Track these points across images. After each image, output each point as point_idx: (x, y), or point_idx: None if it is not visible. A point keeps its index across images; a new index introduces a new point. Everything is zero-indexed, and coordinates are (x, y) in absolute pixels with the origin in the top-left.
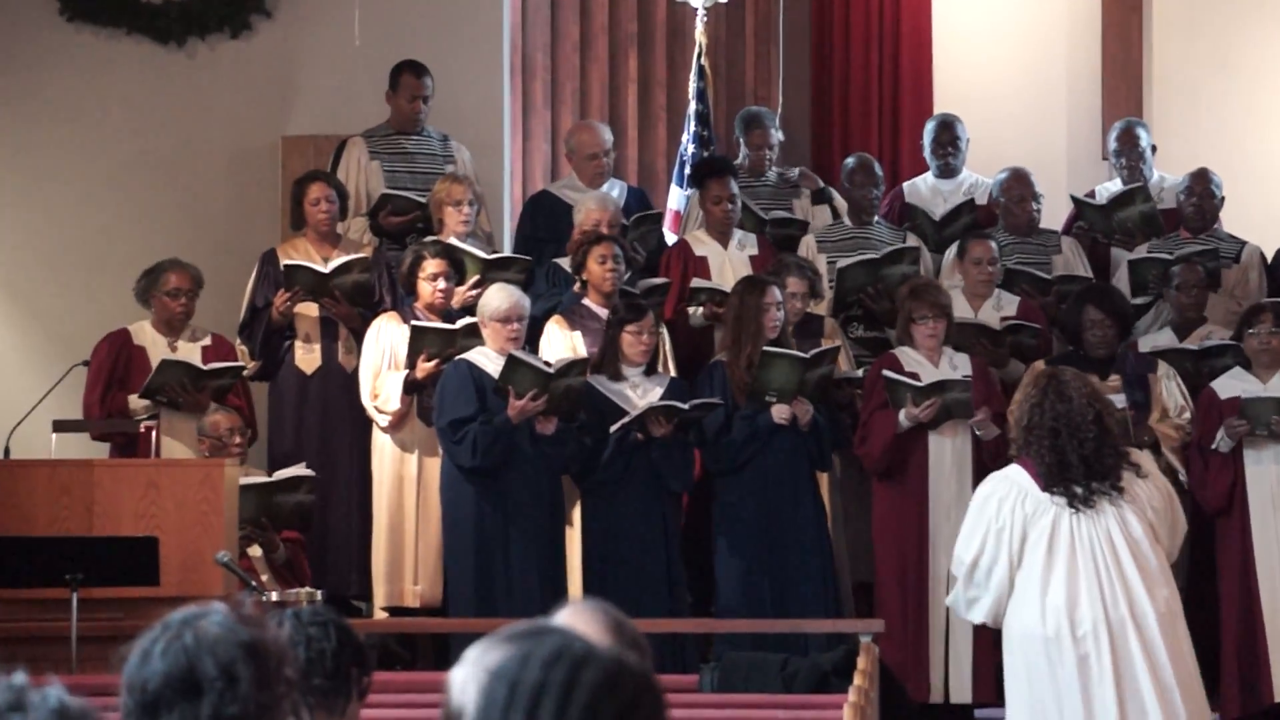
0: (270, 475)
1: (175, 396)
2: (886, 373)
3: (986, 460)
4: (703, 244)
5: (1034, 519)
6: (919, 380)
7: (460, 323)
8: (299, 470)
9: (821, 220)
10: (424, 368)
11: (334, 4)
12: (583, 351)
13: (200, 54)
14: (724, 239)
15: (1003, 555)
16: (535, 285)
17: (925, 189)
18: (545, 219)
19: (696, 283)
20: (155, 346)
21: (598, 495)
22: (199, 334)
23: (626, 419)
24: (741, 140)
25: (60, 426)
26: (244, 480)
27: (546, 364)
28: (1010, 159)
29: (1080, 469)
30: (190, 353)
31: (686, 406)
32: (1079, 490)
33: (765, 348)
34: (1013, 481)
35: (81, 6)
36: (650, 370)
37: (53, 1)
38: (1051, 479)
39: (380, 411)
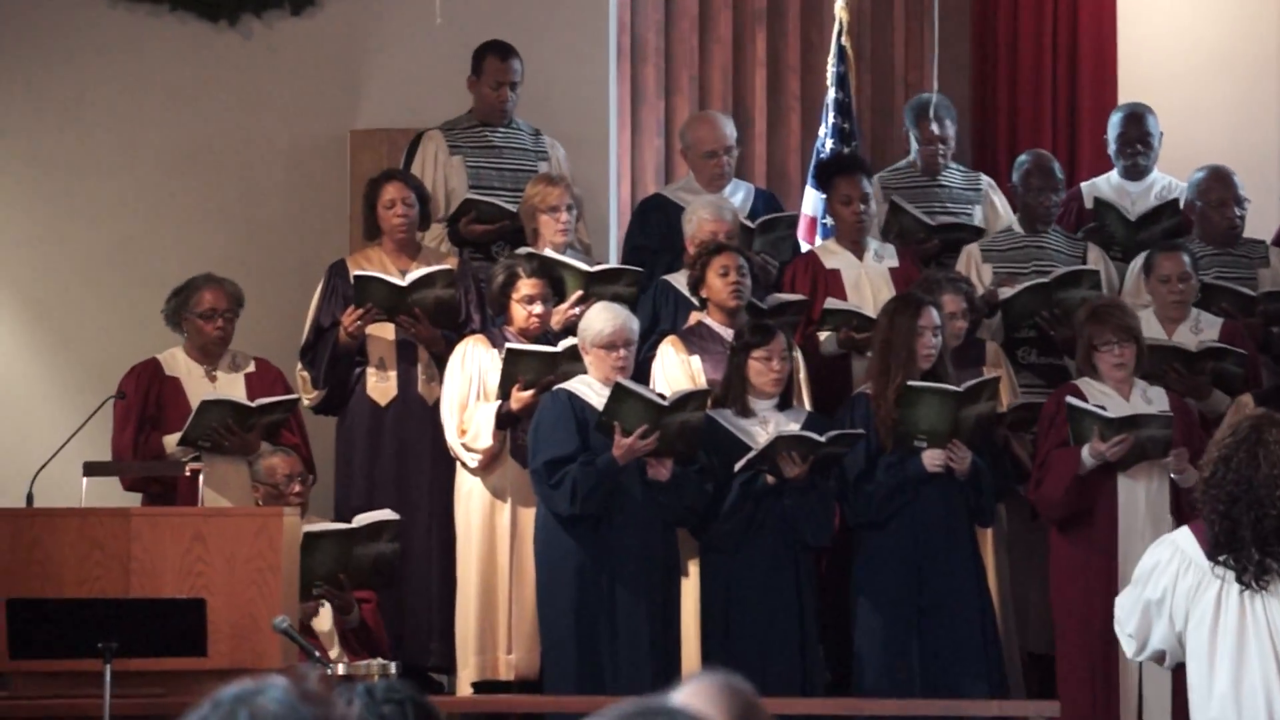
0: (349, 522)
1: (220, 440)
2: (1070, 400)
3: (1187, 509)
4: (833, 255)
5: (1197, 594)
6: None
7: (562, 345)
8: (382, 515)
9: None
10: (520, 397)
11: None
12: (702, 380)
13: (256, 34)
14: (857, 248)
15: (1160, 628)
16: (642, 305)
17: (1109, 191)
18: (658, 227)
19: (830, 303)
20: (190, 377)
21: (719, 550)
22: (240, 360)
23: (752, 454)
24: (912, 135)
25: (93, 470)
26: (316, 528)
27: (660, 396)
28: (1208, 157)
29: (1254, 542)
30: (232, 384)
31: (823, 439)
32: (1251, 564)
33: (909, 383)
34: (1177, 548)
35: None
36: (784, 404)
37: None
38: (1218, 547)
39: (469, 450)
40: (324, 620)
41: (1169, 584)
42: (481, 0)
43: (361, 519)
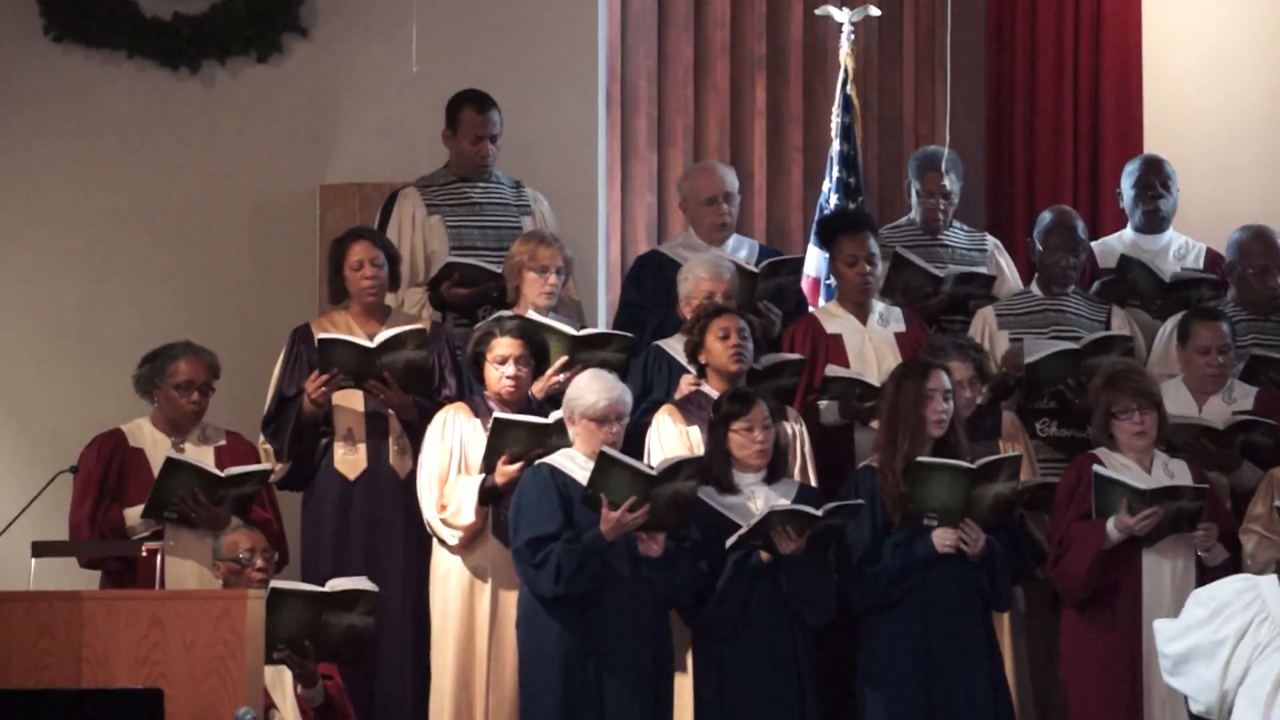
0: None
1: (187, 511)
2: (1099, 469)
3: None
4: (835, 319)
5: (1264, 653)
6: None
7: (553, 416)
8: (359, 583)
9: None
10: (505, 471)
11: (386, 20)
12: (700, 450)
13: (219, 82)
14: (861, 311)
15: (1208, 673)
16: (633, 371)
17: (1123, 249)
18: (653, 286)
19: (831, 370)
20: (157, 448)
21: (713, 636)
22: (211, 434)
23: (744, 529)
24: (914, 189)
25: (41, 550)
26: (285, 585)
27: (648, 466)
28: (1236, 217)
29: None
30: (201, 456)
31: (819, 513)
32: None
33: (920, 459)
34: (1259, 595)
35: (71, 22)
36: (773, 476)
37: (35, 16)
38: None
39: (449, 526)
40: (282, 690)
41: (1237, 630)
42: (460, 46)
43: (336, 584)
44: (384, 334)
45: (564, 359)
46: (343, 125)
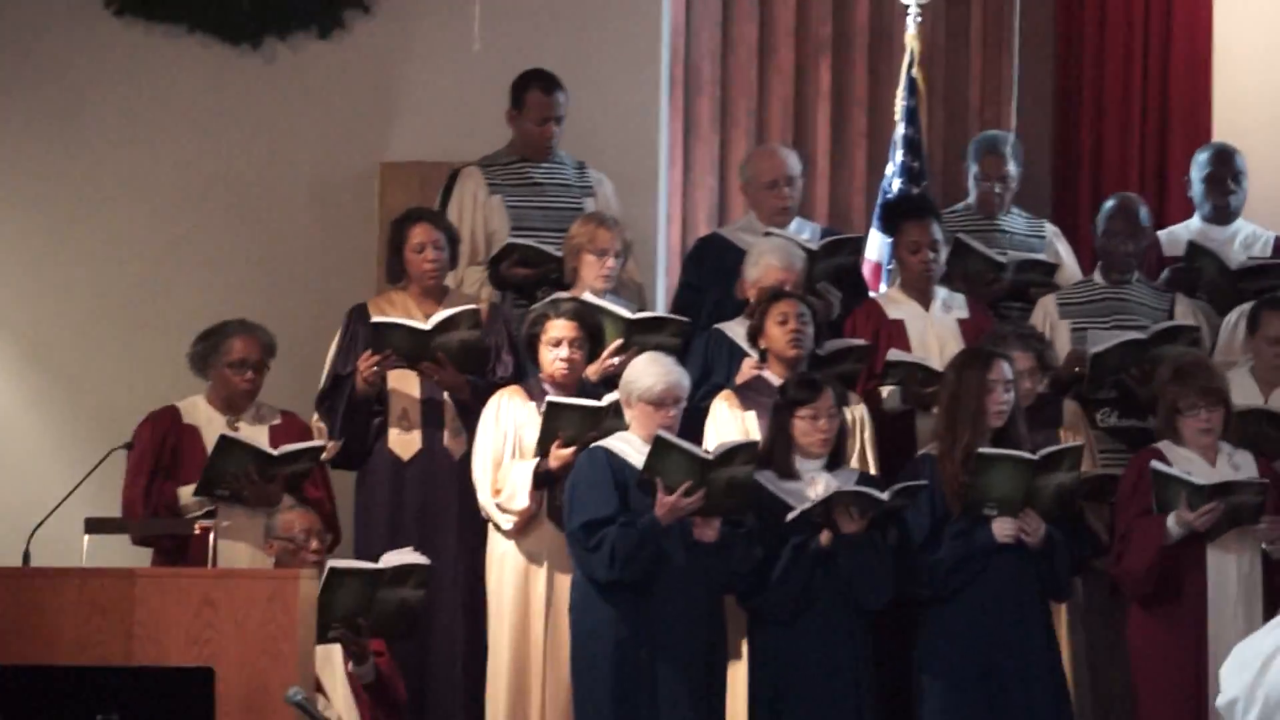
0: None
1: (239, 489)
2: (1156, 465)
3: None
4: (897, 305)
5: None
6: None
7: (607, 399)
8: (411, 557)
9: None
10: (560, 455)
11: None
12: (756, 436)
13: (281, 58)
14: (924, 298)
15: None
16: (693, 354)
17: (1189, 237)
18: (713, 270)
19: (893, 355)
20: (211, 426)
21: (770, 621)
22: (266, 413)
23: (806, 505)
24: (971, 172)
25: (94, 526)
26: (342, 564)
27: (704, 451)
28: None
29: None
30: (255, 435)
31: (884, 496)
32: None
33: (981, 450)
34: None
35: None
36: (834, 463)
37: None
38: None
39: (503, 510)
40: (333, 672)
41: None
42: (523, 24)
43: (390, 559)
44: (438, 315)
45: (619, 342)
46: (403, 103)
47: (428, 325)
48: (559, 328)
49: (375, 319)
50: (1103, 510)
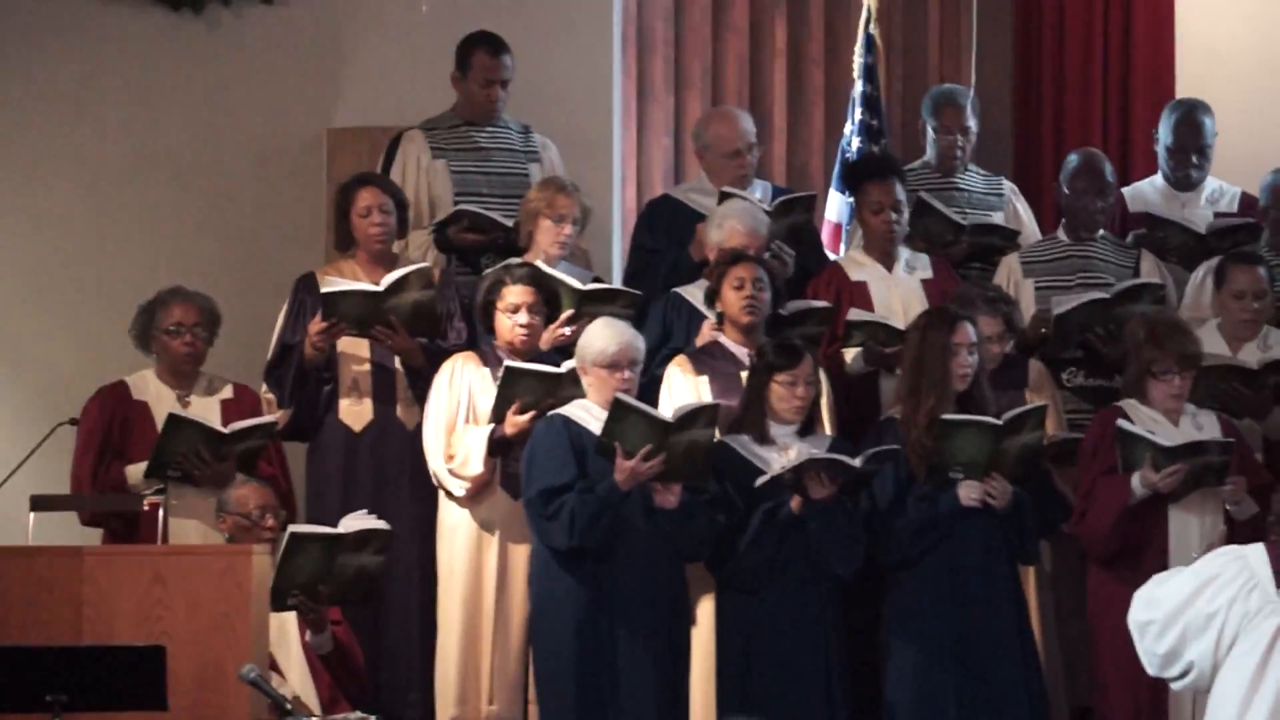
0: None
1: (191, 468)
2: (1122, 423)
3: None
4: (860, 266)
5: (1254, 620)
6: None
7: (565, 365)
8: (371, 522)
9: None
10: (516, 421)
11: None
12: (709, 399)
13: (224, 23)
14: (887, 259)
15: (1200, 645)
16: (651, 318)
17: (1155, 196)
18: (666, 231)
19: (854, 314)
20: (161, 402)
21: (739, 588)
22: (216, 384)
23: (777, 470)
24: (930, 126)
25: (40, 504)
26: (304, 529)
27: (664, 414)
28: (1276, 160)
29: None
30: (206, 410)
31: (856, 463)
32: None
33: (944, 416)
34: (1245, 564)
35: None
36: (805, 430)
37: None
38: None
39: (456, 477)
40: (291, 650)
41: (1226, 601)
42: None
43: (350, 524)
44: (390, 277)
45: (570, 312)
46: (350, 67)
47: (380, 287)
48: (517, 293)
49: (324, 289)
50: (1070, 474)
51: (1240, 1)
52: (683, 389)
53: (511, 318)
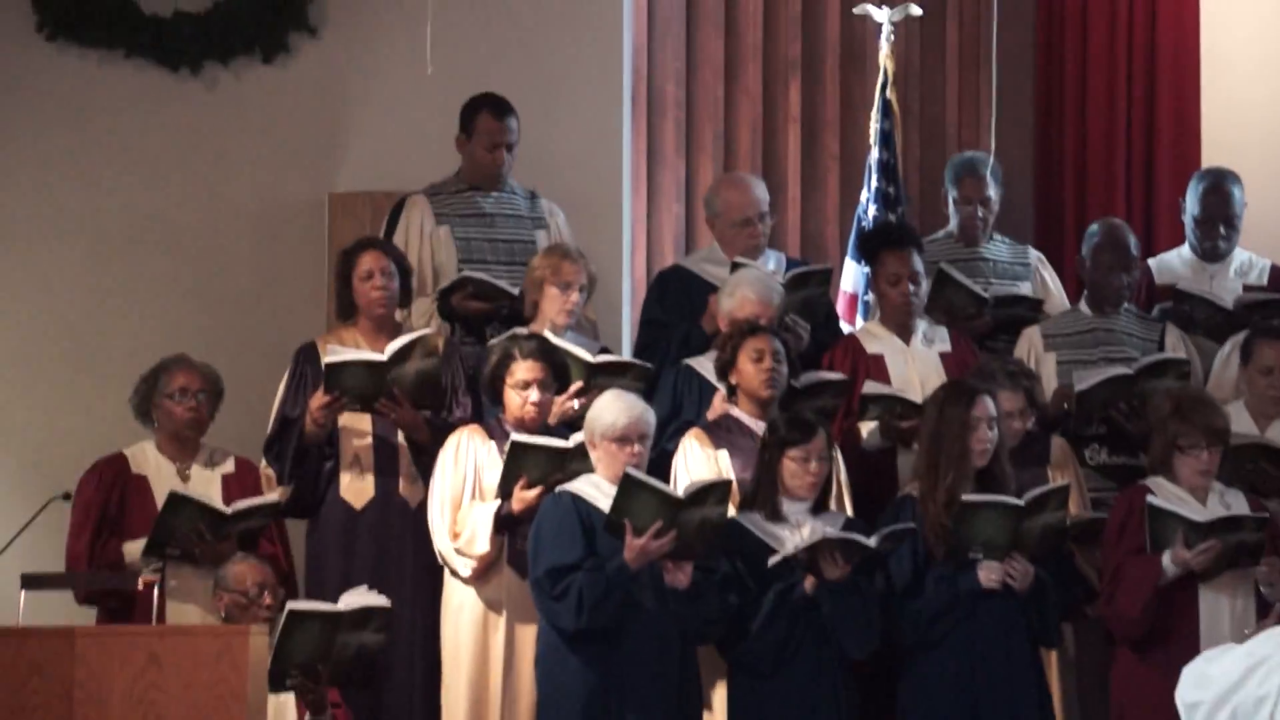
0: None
1: (190, 547)
2: (1153, 500)
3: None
4: (876, 339)
5: None
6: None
7: (573, 439)
8: (371, 598)
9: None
10: (523, 497)
11: (399, 18)
12: (730, 476)
13: (223, 84)
14: (904, 332)
15: None
16: (661, 390)
17: (1182, 268)
18: (677, 304)
19: (870, 388)
20: (160, 474)
21: (751, 672)
22: (218, 457)
23: (790, 549)
24: (951, 196)
25: (32, 582)
26: (302, 606)
27: (675, 490)
28: None
29: None
30: (207, 482)
31: (871, 542)
32: None
33: (965, 497)
34: None
35: (65, 19)
36: (819, 507)
37: (28, 13)
38: None
39: (462, 555)
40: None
41: (1277, 685)
42: (478, 46)
43: (349, 600)
44: (392, 345)
45: (578, 384)
46: (353, 130)
47: (383, 356)
48: (526, 369)
49: (327, 359)
50: (1093, 554)
51: (1269, 68)
52: (700, 463)
53: (521, 394)
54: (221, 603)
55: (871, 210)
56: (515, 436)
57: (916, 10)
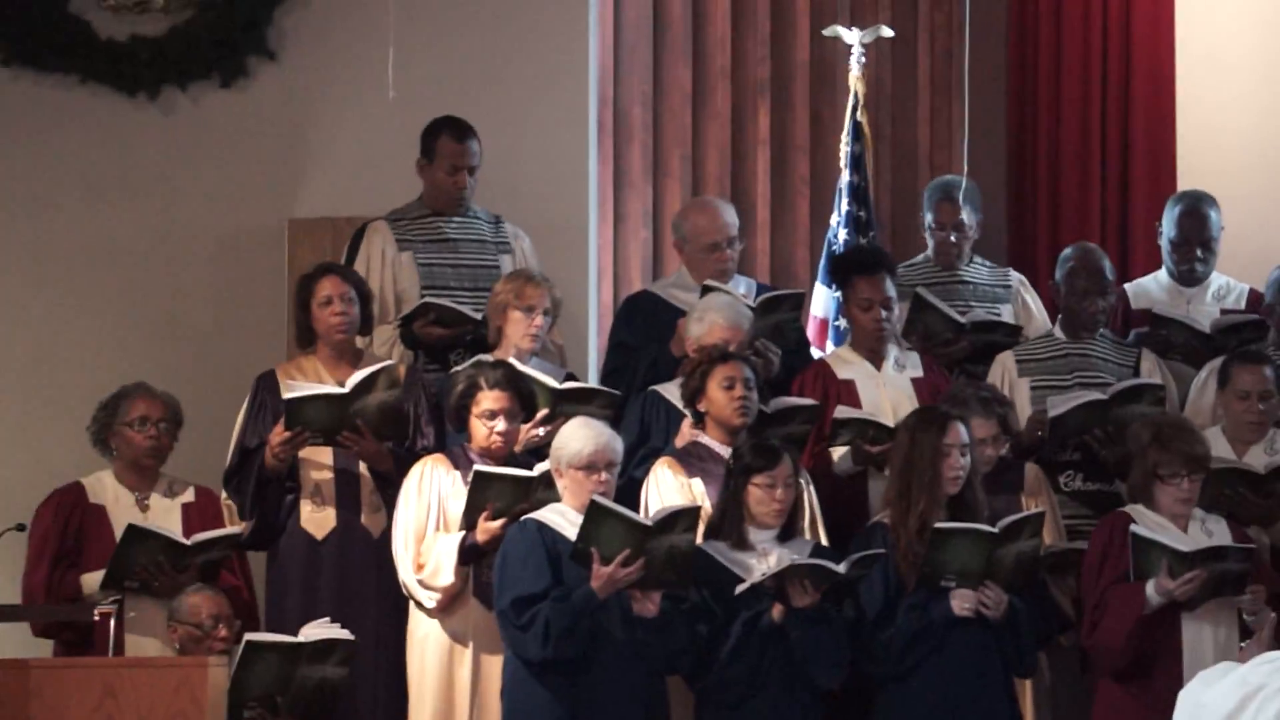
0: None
1: (150, 580)
2: (1136, 529)
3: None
4: (847, 364)
5: None
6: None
7: (538, 468)
8: (333, 631)
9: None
10: (488, 528)
11: (360, 42)
12: (707, 507)
13: (180, 109)
14: (876, 357)
15: None
16: (628, 417)
17: (1159, 292)
18: (645, 327)
19: (841, 412)
20: (119, 504)
21: (719, 701)
22: (177, 487)
23: (758, 577)
24: (927, 219)
25: None
26: (260, 637)
27: (643, 517)
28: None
29: None
30: (167, 512)
31: (840, 569)
32: None
33: (938, 525)
34: None
35: (19, 44)
36: (786, 535)
37: None
38: None
39: (426, 588)
40: None
41: (1273, 715)
42: (440, 70)
43: (311, 632)
44: (354, 377)
45: (544, 412)
46: (313, 155)
47: (345, 388)
48: (493, 399)
49: (288, 395)
50: (1066, 583)
51: (1245, 90)
52: (672, 490)
53: (488, 424)
54: (175, 635)
55: (842, 234)
56: (479, 466)
57: (887, 32)
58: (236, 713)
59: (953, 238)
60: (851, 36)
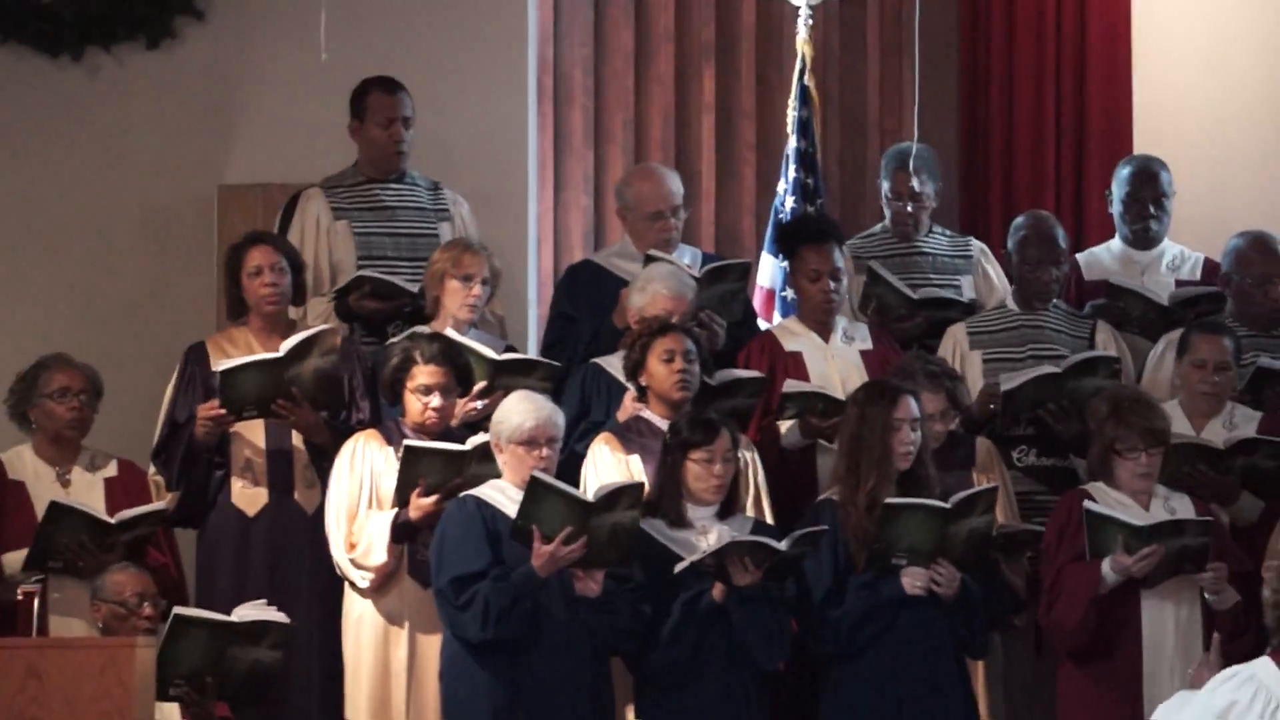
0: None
1: (74, 559)
2: (1089, 505)
3: (1225, 637)
4: (794, 336)
5: None
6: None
7: (471, 442)
8: (269, 614)
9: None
10: (421, 504)
11: (291, 4)
12: (643, 480)
13: (106, 71)
14: (823, 329)
15: None
16: (569, 391)
17: (1111, 261)
18: (587, 299)
19: (790, 385)
20: (39, 480)
21: (659, 683)
22: (100, 460)
23: (697, 555)
24: (883, 188)
25: None
26: (190, 612)
27: (585, 494)
28: (1239, 224)
29: None
30: (89, 489)
31: (782, 546)
32: None
33: (889, 501)
34: (1260, 685)
35: None
36: (726, 511)
37: None
38: None
39: (359, 567)
40: None
41: None
42: (375, 32)
43: (244, 613)
44: (289, 341)
45: (482, 384)
46: (243, 120)
47: (280, 353)
48: (428, 374)
49: (219, 366)
50: (1018, 563)
51: (1201, 56)
52: (610, 467)
53: (422, 399)
54: (99, 613)
55: (789, 202)
56: (408, 441)
57: None
58: (162, 689)
59: (909, 208)
60: None
